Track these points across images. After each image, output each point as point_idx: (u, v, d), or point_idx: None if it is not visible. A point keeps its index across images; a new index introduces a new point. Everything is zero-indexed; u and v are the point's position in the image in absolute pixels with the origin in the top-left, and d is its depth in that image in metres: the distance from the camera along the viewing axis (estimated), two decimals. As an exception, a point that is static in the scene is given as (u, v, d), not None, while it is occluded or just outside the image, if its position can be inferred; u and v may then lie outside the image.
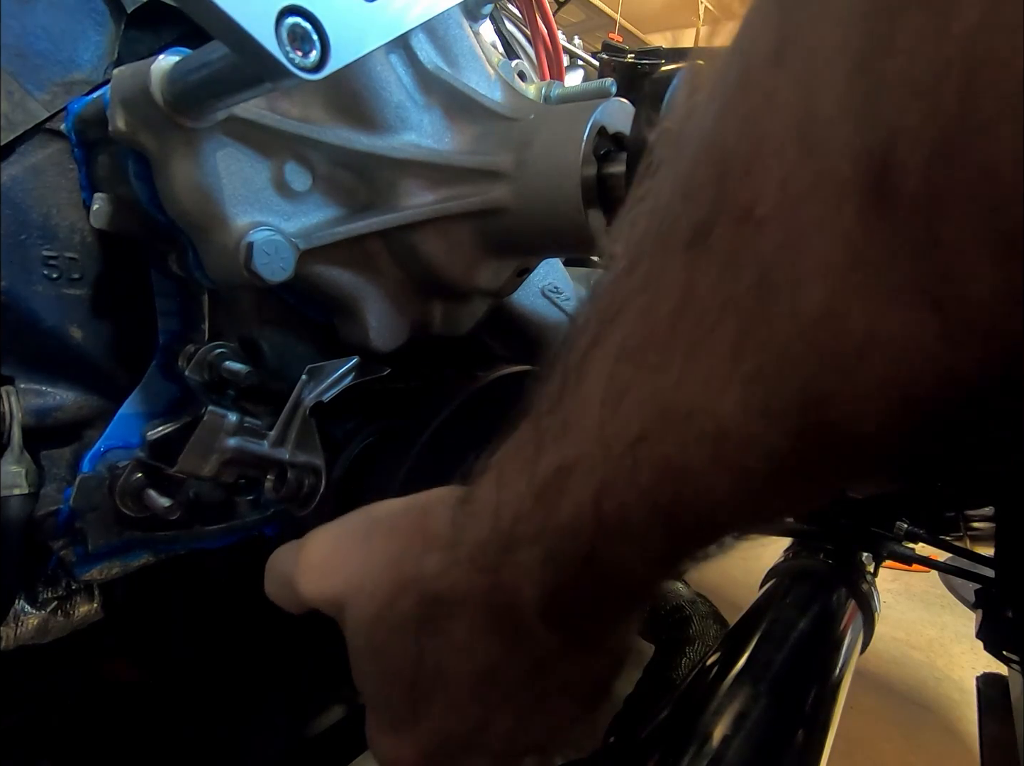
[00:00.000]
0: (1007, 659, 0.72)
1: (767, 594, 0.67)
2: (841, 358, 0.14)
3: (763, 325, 0.15)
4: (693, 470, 0.17)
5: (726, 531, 0.20)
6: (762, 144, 0.15)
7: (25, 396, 0.37)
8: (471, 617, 0.23)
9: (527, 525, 0.21)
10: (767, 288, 0.15)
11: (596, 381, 0.19)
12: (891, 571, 1.84)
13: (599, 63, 0.63)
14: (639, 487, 0.18)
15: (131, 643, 0.51)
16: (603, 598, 0.22)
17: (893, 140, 0.13)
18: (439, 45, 0.42)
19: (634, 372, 0.18)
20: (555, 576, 0.21)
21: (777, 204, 0.15)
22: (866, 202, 0.13)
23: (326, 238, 0.38)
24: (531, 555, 0.21)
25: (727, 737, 0.41)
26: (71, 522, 0.37)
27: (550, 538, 0.21)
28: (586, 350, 0.20)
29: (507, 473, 0.22)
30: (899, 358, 0.14)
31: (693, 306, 0.17)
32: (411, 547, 0.26)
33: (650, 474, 0.18)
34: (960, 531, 0.91)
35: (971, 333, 0.13)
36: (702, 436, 0.17)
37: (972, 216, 0.12)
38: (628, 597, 0.23)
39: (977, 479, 0.68)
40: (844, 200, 0.14)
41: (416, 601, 0.24)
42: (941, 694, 1.41)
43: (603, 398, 0.19)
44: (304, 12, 0.26)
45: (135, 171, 0.35)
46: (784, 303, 0.15)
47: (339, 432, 0.48)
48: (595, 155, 0.39)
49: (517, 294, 0.52)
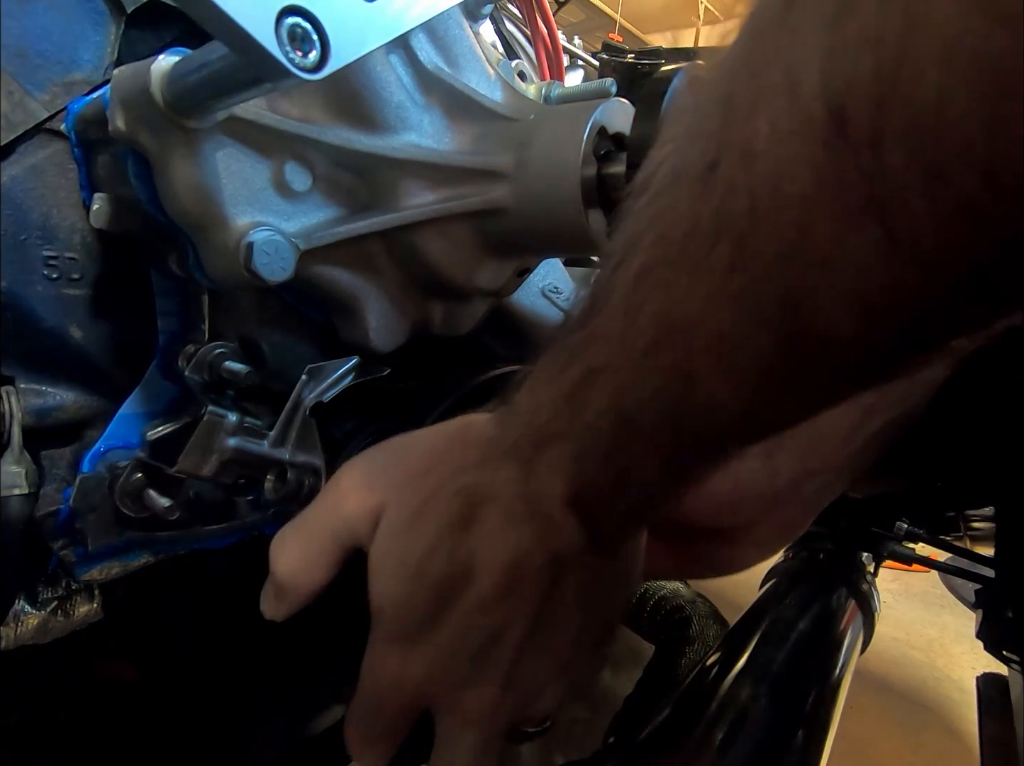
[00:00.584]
0: (1007, 659, 0.72)
1: (767, 594, 0.67)
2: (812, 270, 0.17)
3: (752, 244, 0.18)
4: (696, 374, 0.20)
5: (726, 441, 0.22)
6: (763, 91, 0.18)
7: (25, 396, 0.37)
8: (505, 507, 0.26)
9: (558, 423, 0.24)
10: (756, 212, 0.18)
11: (620, 297, 0.22)
12: (891, 571, 1.84)
13: (599, 63, 0.63)
14: (651, 388, 0.21)
15: (131, 643, 0.51)
16: (619, 496, 0.25)
17: (849, 86, 0.15)
18: (439, 45, 0.42)
19: (650, 289, 0.21)
20: (582, 468, 0.24)
21: (768, 140, 0.17)
22: (830, 137, 0.16)
23: (326, 238, 0.38)
24: (561, 449, 0.24)
25: (727, 737, 0.41)
26: (71, 522, 0.37)
27: (577, 434, 0.24)
28: (612, 271, 0.23)
29: (541, 381, 0.26)
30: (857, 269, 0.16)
31: (698, 230, 0.19)
32: (450, 454, 0.28)
33: (661, 376, 0.21)
34: (960, 531, 0.91)
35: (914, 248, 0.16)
36: (705, 343, 0.20)
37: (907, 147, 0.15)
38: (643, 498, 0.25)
39: (977, 479, 0.68)
40: (815, 136, 0.16)
41: (453, 499, 0.26)
42: (941, 694, 1.41)
43: (625, 311, 0.22)
44: (304, 12, 0.26)
45: (135, 171, 0.35)
46: (769, 223, 0.17)
47: (339, 432, 0.48)
48: (595, 155, 0.39)
49: (517, 294, 0.52)
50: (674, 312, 0.20)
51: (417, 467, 0.29)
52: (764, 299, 0.18)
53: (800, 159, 0.16)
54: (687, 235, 0.20)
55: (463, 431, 0.30)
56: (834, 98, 0.15)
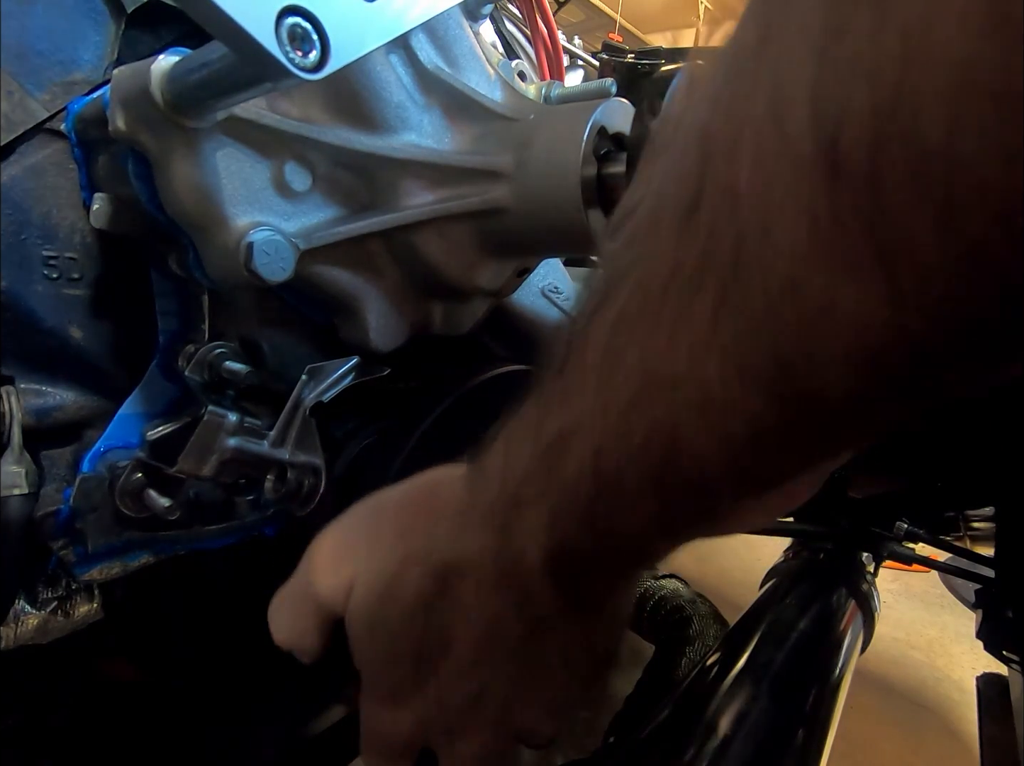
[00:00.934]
0: (1007, 659, 0.72)
1: (767, 594, 0.67)
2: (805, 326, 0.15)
3: (737, 293, 0.16)
4: (681, 434, 0.18)
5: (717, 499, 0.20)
6: (743, 127, 0.16)
7: (25, 396, 0.37)
8: (480, 576, 0.24)
9: (532, 485, 0.22)
10: (742, 259, 0.16)
11: (595, 349, 0.21)
12: (891, 571, 1.84)
13: (599, 63, 0.63)
14: (631, 448, 0.19)
15: (131, 643, 0.51)
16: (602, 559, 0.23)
17: (842, 119, 0.14)
18: (439, 45, 0.42)
19: (628, 340, 0.19)
20: (558, 534, 0.22)
21: (752, 181, 0.16)
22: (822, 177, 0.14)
23: (326, 238, 0.38)
24: (536, 514, 0.22)
25: (727, 737, 0.41)
26: (71, 522, 0.37)
27: (553, 497, 0.22)
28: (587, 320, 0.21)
29: (514, 439, 0.24)
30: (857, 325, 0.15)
31: (679, 277, 0.18)
32: (419, 520, 0.27)
33: (641, 436, 0.19)
34: (960, 531, 0.91)
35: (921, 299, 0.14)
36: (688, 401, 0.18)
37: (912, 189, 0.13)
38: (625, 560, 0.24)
39: (977, 479, 0.68)
40: (805, 176, 0.15)
41: (426, 570, 0.25)
42: (941, 694, 1.41)
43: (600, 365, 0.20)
44: (304, 12, 0.26)
45: (135, 171, 0.35)
46: (755, 273, 0.16)
47: (339, 432, 0.48)
48: (595, 155, 0.39)
49: (517, 294, 0.52)
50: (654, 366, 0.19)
51: (386, 535, 0.28)
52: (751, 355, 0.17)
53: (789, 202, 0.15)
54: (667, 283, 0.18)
55: (432, 493, 0.28)
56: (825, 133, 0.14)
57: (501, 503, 0.24)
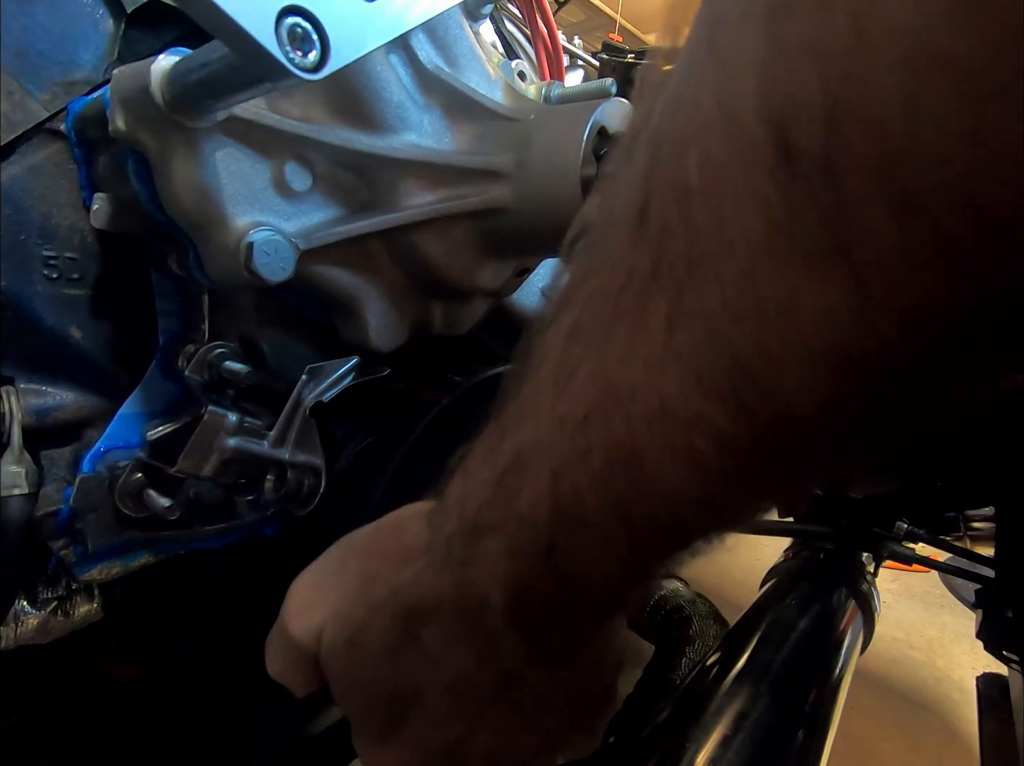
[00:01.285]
0: (1007, 659, 0.72)
1: (767, 594, 0.67)
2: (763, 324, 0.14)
3: (692, 293, 0.15)
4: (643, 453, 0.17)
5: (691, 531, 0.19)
6: (691, 123, 0.15)
7: (25, 396, 0.37)
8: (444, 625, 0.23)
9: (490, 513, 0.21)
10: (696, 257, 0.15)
11: (550, 361, 0.19)
12: (891, 571, 1.84)
13: (599, 63, 0.64)
14: (591, 470, 0.18)
15: (131, 643, 0.51)
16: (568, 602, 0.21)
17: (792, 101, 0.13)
18: (439, 45, 0.42)
19: (583, 351, 0.18)
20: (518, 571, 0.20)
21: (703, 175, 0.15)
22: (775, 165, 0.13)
23: (326, 238, 0.38)
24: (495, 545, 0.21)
25: (727, 737, 0.41)
26: (71, 522, 0.37)
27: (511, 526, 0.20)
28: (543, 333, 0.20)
29: (473, 464, 0.22)
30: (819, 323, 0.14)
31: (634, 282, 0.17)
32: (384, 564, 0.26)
33: (601, 456, 0.17)
34: (960, 531, 0.91)
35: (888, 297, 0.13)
36: (648, 415, 0.16)
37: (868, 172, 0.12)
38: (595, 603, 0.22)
39: (977, 479, 0.68)
40: (757, 164, 0.14)
41: (391, 618, 0.24)
42: (941, 694, 1.41)
43: (555, 378, 0.19)
44: (304, 12, 0.26)
45: (135, 171, 0.35)
46: (710, 271, 0.15)
47: (339, 432, 0.48)
48: (595, 155, 0.39)
49: (517, 294, 0.52)
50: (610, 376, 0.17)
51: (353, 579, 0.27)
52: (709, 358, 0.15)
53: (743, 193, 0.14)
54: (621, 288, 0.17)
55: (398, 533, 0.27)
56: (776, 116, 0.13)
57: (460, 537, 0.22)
